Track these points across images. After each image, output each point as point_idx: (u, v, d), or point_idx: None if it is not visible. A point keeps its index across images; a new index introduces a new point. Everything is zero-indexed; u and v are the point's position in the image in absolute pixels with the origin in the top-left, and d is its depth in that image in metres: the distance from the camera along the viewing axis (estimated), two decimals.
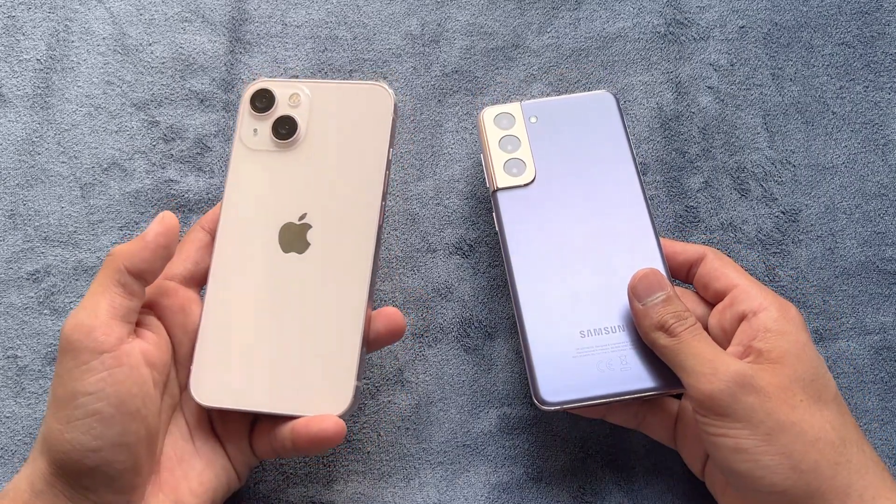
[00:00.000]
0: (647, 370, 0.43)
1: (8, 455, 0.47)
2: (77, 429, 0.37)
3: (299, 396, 0.41)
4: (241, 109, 0.44)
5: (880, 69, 0.52)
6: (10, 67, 0.51)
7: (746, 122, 0.52)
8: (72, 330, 0.38)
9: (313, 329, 0.42)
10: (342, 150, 0.43)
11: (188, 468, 0.42)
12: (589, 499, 0.47)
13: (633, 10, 0.53)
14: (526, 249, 0.45)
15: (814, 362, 0.40)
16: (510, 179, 0.46)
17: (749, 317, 0.41)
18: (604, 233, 0.45)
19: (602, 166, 0.46)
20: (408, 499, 0.47)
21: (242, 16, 0.52)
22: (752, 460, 0.38)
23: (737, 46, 0.52)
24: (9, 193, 0.50)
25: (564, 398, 0.42)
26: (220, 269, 0.43)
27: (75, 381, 0.38)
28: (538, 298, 0.44)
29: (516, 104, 0.47)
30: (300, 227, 0.43)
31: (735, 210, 0.51)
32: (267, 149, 0.44)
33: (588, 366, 0.43)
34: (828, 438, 0.38)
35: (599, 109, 0.47)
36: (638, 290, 0.42)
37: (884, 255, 0.50)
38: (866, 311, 0.50)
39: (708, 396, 0.38)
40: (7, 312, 0.48)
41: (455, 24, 0.52)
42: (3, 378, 0.48)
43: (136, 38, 0.52)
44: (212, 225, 0.44)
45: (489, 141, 0.47)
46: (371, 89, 0.44)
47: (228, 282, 0.43)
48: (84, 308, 0.39)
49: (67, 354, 0.38)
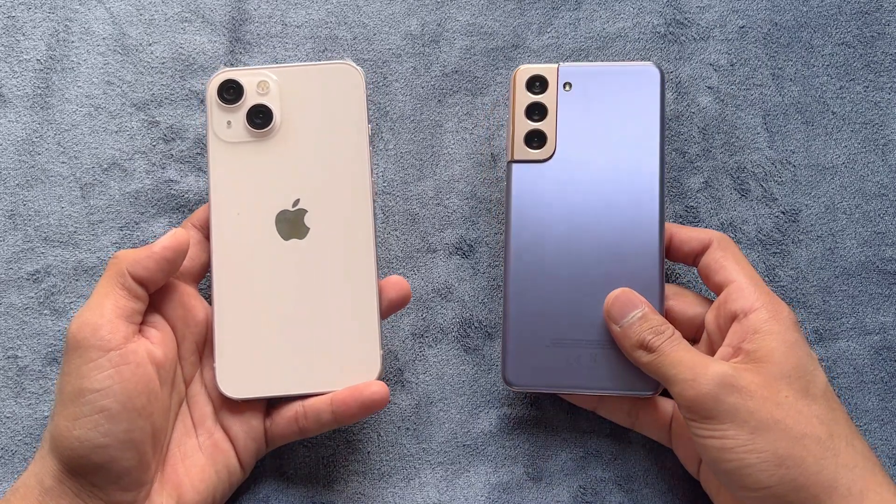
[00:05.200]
0: (615, 371, 0.43)
1: (8, 455, 0.47)
2: (84, 426, 0.38)
3: (331, 373, 0.43)
4: (209, 103, 0.44)
5: (880, 69, 0.52)
6: (10, 67, 0.51)
7: (746, 122, 0.52)
8: (78, 328, 0.38)
9: (331, 308, 0.43)
10: (321, 131, 0.44)
11: (191, 465, 0.42)
12: (589, 499, 0.47)
13: (633, 10, 0.53)
14: (528, 229, 0.44)
15: (801, 359, 0.40)
16: (528, 152, 0.45)
17: (740, 317, 0.41)
18: (609, 225, 0.44)
19: (626, 150, 0.44)
20: (408, 499, 0.47)
21: (242, 16, 0.52)
22: (737, 459, 0.38)
23: (737, 46, 0.52)
24: (9, 193, 0.50)
25: (528, 382, 0.44)
26: (224, 265, 0.43)
27: (82, 379, 0.38)
28: (528, 281, 0.44)
29: (553, 67, 0.45)
30: (296, 213, 0.43)
31: (735, 210, 0.51)
32: (244, 140, 0.44)
33: (559, 357, 0.43)
34: (814, 434, 0.38)
35: (639, 84, 0.45)
36: (612, 313, 0.42)
37: (884, 255, 0.50)
38: (866, 311, 0.50)
39: (692, 401, 0.39)
40: (7, 312, 0.48)
41: (455, 24, 0.52)
42: (4, 378, 0.48)
43: (136, 38, 0.52)
44: (201, 222, 0.44)
45: (516, 107, 0.45)
46: (339, 68, 0.44)
47: (235, 276, 0.43)
48: (90, 308, 0.39)
49: (74, 352, 0.38)
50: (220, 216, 0.43)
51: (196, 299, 0.43)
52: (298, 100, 0.44)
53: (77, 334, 0.38)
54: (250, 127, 0.43)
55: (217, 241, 0.43)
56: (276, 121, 0.43)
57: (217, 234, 0.43)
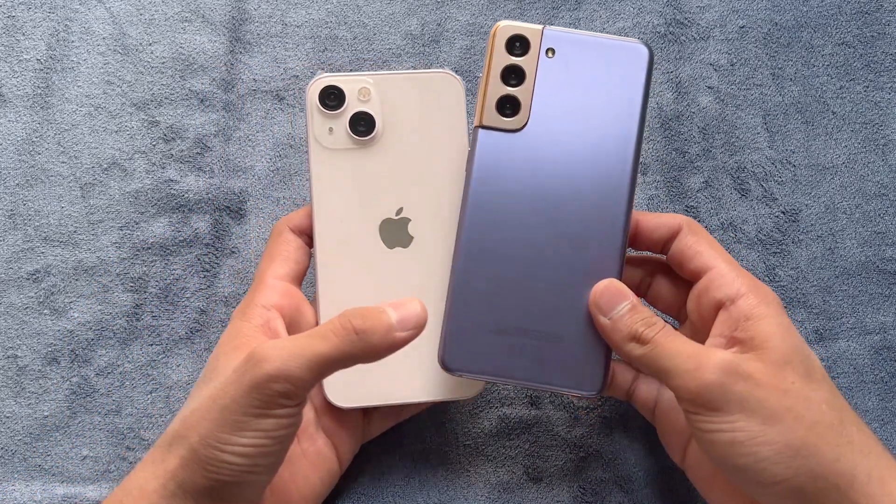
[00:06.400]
0: (558, 366, 0.40)
1: (8, 455, 0.47)
2: (244, 454, 0.36)
3: (435, 382, 0.43)
4: (310, 108, 0.43)
5: (880, 69, 0.52)
6: (10, 67, 0.51)
7: (746, 121, 0.52)
8: (276, 374, 0.36)
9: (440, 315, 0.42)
10: (422, 139, 0.44)
11: (295, 471, 0.42)
12: (589, 499, 0.47)
13: (633, 10, 0.53)
14: (486, 205, 0.41)
15: (798, 344, 0.38)
16: (499, 119, 0.41)
17: (727, 305, 0.39)
18: (573, 210, 0.41)
19: (602, 130, 0.41)
20: (408, 499, 0.47)
21: (242, 15, 0.52)
22: (750, 453, 0.36)
23: (737, 46, 0.52)
24: (9, 193, 0.50)
25: (466, 368, 0.40)
26: (329, 273, 0.43)
27: (259, 420, 0.36)
28: (479, 260, 0.41)
29: (537, 29, 0.41)
30: (400, 222, 0.43)
31: (735, 210, 0.51)
32: (346, 147, 0.43)
33: (500, 345, 0.40)
34: (826, 420, 0.36)
35: (626, 61, 0.41)
36: (601, 305, 0.40)
37: (884, 255, 0.50)
38: (866, 311, 0.50)
39: (696, 392, 0.36)
40: (7, 312, 0.48)
41: (455, 24, 0.52)
42: (3, 378, 0.48)
43: (136, 38, 0.52)
44: (298, 226, 0.43)
45: (492, 68, 0.41)
46: (440, 77, 0.44)
47: (340, 284, 0.43)
48: (288, 356, 0.36)
49: (258, 391, 0.36)
50: (324, 224, 0.43)
51: (305, 304, 0.43)
52: (398, 107, 0.44)
53: (271, 374, 0.36)
54: (353, 134, 0.43)
55: (321, 248, 0.43)
56: (379, 128, 0.43)
57: (321, 241, 0.43)
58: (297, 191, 0.51)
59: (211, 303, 0.49)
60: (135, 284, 0.49)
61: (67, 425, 0.47)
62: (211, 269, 0.49)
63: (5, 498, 0.46)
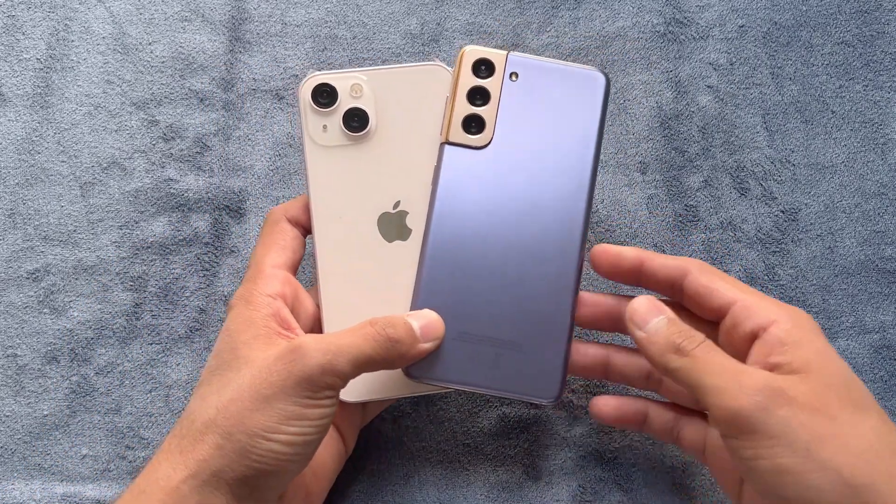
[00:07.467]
0: (515, 373, 0.42)
1: (7, 454, 0.47)
2: (291, 443, 0.37)
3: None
4: (303, 107, 0.44)
5: (880, 68, 0.52)
6: (10, 67, 0.51)
7: (746, 121, 0.52)
8: (327, 367, 0.37)
9: None
10: (415, 132, 0.44)
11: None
12: (589, 499, 0.47)
13: (633, 9, 0.53)
14: (451, 216, 0.42)
15: (840, 368, 0.36)
16: (465, 136, 0.43)
17: (760, 334, 0.38)
18: (533, 225, 0.42)
19: (561, 149, 0.43)
20: (408, 498, 0.47)
21: (242, 15, 0.52)
22: (797, 482, 0.34)
23: (736, 45, 0.52)
24: (9, 193, 0.50)
25: (427, 374, 0.41)
26: (330, 268, 0.43)
27: (307, 410, 0.37)
28: (442, 268, 0.42)
29: (502, 54, 0.43)
30: (398, 215, 0.44)
31: (735, 209, 0.51)
32: (340, 143, 0.44)
33: (461, 352, 0.42)
34: (875, 449, 0.34)
35: (584, 88, 0.43)
36: (637, 319, 0.39)
37: (883, 255, 0.50)
38: (866, 310, 0.50)
39: (736, 413, 0.35)
40: (7, 311, 0.48)
41: (455, 24, 0.53)
42: (3, 377, 0.48)
43: (136, 38, 0.52)
44: (294, 216, 0.44)
45: (459, 88, 0.43)
46: (431, 69, 0.44)
47: (342, 279, 0.43)
48: (335, 351, 0.38)
49: (309, 382, 0.37)
50: (322, 220, 0.43)
51: (303, 292, 0.44)
52: (391, 102, 0.44)
53: (319, 367, 0.37)
54: (347, 130, 0.44)
55: (321, 245, 0.43)
56: (372, 124, 0.44)
57: (320, 238, 0.43)
58: (296, 190, 0.51)
59: (210, 302, 0.49)
60: (134, 283, 0.49)
61: (67, 424, 0.47)
62: (210, 268, 0.49)
63: (5, 497, 0.46)
